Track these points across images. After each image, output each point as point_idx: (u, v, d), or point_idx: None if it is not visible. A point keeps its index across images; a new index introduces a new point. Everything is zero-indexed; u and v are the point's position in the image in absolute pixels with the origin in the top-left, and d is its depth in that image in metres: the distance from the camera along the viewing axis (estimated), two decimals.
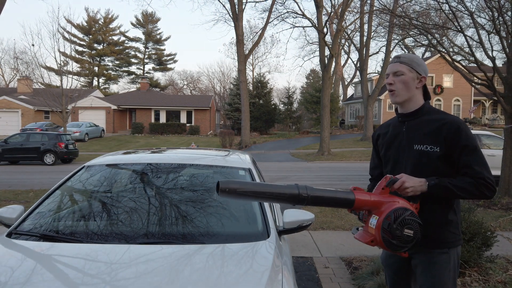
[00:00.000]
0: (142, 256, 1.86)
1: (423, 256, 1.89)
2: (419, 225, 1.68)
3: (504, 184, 7.81)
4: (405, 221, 1.66)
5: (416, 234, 1.67)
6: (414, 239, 1.67)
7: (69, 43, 40.03)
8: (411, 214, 1.68)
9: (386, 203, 1.72)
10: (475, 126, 32.16)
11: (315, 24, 22.01)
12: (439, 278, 1.85)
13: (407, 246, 1.68)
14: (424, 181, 1.76)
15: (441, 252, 1.85)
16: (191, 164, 2.88)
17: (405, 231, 1.65)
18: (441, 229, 1.86)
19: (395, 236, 1.66)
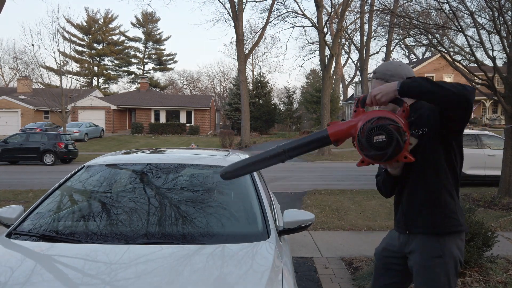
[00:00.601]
0: (142, 256, 1.86)
1: (416, 257, 1.86)
2: (394, 126, 1.61)
3: (504, 184, 7.80)
4: (373, 128, 1.63)
5: (390, 136, 1.60)
6: (391, 142, 1.61)
7: (68, 43, 40.05)
8: (379, 120, 1.64)
9: (360, 120, 1.71)
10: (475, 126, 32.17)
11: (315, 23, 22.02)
12: (432, 283, 1.81)
13: (385, 151, 1.62)
14: (396, 82, 1.69)
15: (434, 256, 1.81)
16: (191, 164, 2.87)
17: (375, 138, 1.62)
18: (431, 212, 1.82)
19: (371, 146, 1.63)
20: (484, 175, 9.94)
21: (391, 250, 2.03)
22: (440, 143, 1.81)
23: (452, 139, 1.82)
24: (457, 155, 1.86)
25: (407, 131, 1.66)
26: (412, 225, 1.89)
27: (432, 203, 1.83)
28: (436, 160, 1.82)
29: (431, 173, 1.83)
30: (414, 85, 1.63)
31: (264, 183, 3.25)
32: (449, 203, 1.83)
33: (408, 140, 1.66)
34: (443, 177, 1.83)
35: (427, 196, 1.84)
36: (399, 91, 1.66)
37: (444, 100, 1.60)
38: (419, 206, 1.85)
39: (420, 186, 1.85)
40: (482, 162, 9.93)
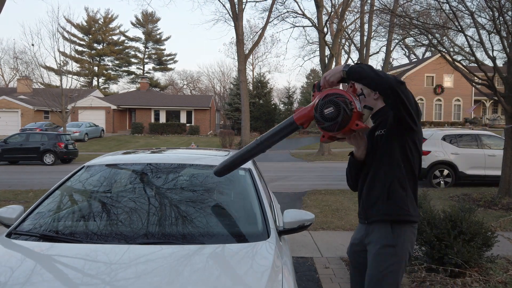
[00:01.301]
0: (142, 256, 1.86)
1: (371, 247, 2.03)
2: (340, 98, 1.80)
3: (504, 184, 7.80)
4: (323, 103, 1.83)
5: (337, 107, 1.80)
6: (339, 112, 1.79)
7: (68, 43, 39.99)
8: (327, 96, 1.84)
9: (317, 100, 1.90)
10: (475, 126, 32.16)
11: (315, 23, 22.01)
12: (381, 271, 1.95)
13: (336, 120, 1.81)
14: (344, 65, 1.91)
15: (387, 245, 1.96)
16: (191, 164, 2.87)
17: (325, 110, 1.82)
18: (385, 202, 1.99)
19: (323, 119, 1.83)
20: (484, 175, 9.94)
21: (355, 244, 2.21)
22: (396, 140, 1.98)
23: (407, 136, 1.98)
24: (412, 150, 2.01)
25: (353, 102, 1.82)
26: (369, 214, 2.07)
27: (386, 195, 2.00)
28: (391, 155, 2.00)
29: (386, 168, 2.01)
30: (358, 70, 1.82)
31: (264, 183, 3.25)
32: (401, 195, 1.99)
33: (356, 109, 1.82)
34: (397, 171, 2.00)
35: (382, 188, 2.01)
36: (346, 72, 1.84)
37: (377, 86, 1.81)
38: (376, 198, 2.04)
39: (377, 179, 2.03)
40: (482, 162, 9.93)
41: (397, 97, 1.78)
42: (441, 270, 3.46)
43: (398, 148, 1.99)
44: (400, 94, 1.77)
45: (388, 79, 1.76)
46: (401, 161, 1.99)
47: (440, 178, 9.99)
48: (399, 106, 1.82)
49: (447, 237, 3.46)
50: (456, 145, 10.11)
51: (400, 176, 1.99)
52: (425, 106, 35.85)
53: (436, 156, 9.97)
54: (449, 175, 9.96)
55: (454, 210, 3.67)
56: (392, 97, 1.79)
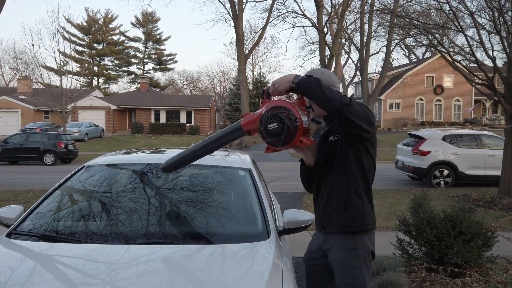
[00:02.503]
0: (142, 257, 1.86)
1: (333, 253, 2.01)
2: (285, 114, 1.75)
3: (504, 184, 7.80)
4: (268, 117, 1.78)
5: (281, 124, 1.75)
6: (283, 129, 1.75)
7: (69, 43, 40.02)
8: (273, 109, 1.78)
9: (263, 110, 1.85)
10: (475, 126, 32.17)
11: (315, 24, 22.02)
12: (349, 278, 1.95)
13: (279, 137, 1.77)
14: (294, 75, 1.82)
15: (350, 249, 1.95)
16: (191, 164, 2.87)
17: (269, 126, 1.77)
18: (342, 213, 1.97)
19: (267, 134, 1.78)
20: (484, 175, 9.94)
21: (313, 251, 2.17)
22: (349, 148, 1.94)
23: (360, 144, 1.94)
24: (365, 157, 1.98)
25: (299, 118, 1.77)
26: (327, 225, 2.05)
27: (342, 205, 1.97)
28: (346, 164, 1.96)
29: (342, 177, 1.97)
30: (306, 85, 1.75)
31: (264, 183, 3.25)
32: (357, 204, 1.97)
33: (302, 125, 1.77)
34: (352, 181, 1.96)
35: (339, 198, 1.98)
36: (295, 84, 1.77)
37: (323, 106, 1.74)
38: (332, 207, 2.00)
39: (333, 189, 2.00)
40: (482, 162, 9.93)
41: (343, 118, 1.73)
42: (441, 270, 3.45)
43: (352, 155, 1.95)
44: (347, 115, 1.72)
45: (333, 101, 1.69)
46: (355, 169, 1.96)
47: (440, 178, 9.98)
48: (346, 125, 1.78)
49: (447, 237, 3.46)
50: (456, 145, 10.11)
51: (355, 185, 1.96)
52: (425, 106, 35.86)
53: (436, 156, 9.97)
54: (449, 175, 9.96)
55: (454, 210, 3.67)
56: (337, 118, 1.75)
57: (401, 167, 10.83)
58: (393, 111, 35.60)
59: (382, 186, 10.45)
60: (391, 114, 35.54)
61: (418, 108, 36.03)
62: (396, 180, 11.69)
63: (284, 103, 1.80)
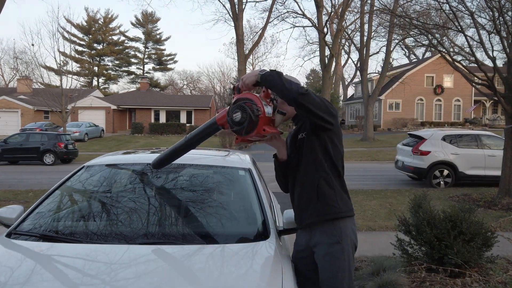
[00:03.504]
0: (141, 257, 1.86)
1: (319, 249, 2.04)
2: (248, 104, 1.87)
3: (504, 184, 7.80)
4: (233, 108, 1.91)
5: (244, 112, 1.87)
6: (245, 118, 1.86)
7: (68, 43, 40.00)
8: (237, 100, 1.91)
9: None
10: (475, 126, 32.17)
11: (315, 24, 22.02)
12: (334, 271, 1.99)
13: (242, 126, 1.88)
14: (259, 69, 1.96)
15: (333, 242, 2.00)
16: (191, 164, 2.87)
17: (234, 115, 1.89)
18: (316, 203, 2.03)
19: (232, 123, 1.91)
20: (484, 175, 9.94)
21: (299, 250, 2.18)
22: (316, 141, 2.04)
23: (325, 135, 2.03)
24: (332, 148, 2.06)
25: (261, 107, 1.87)
26: (304, 217, 2.10)
27: (315, 196, 2.04)
28: (314, 157, 2.05)
29: (312, 170, 2.05)
30: (268, 78, 1.88)
31: (264, 183, 3.25)
32: (329, 193, 2.04)
33: (264, 115, 1.87)
34: (322, 171, 2.05)
35: (311, 190, 2.05)
36: (260, 77, 1.90)
37: (283, 97, 1.86)
38: (307, 200, 2.07)
39: (305, 182, 2.08)
40: (482, 162, 9.93)
41: (302, 107, 1.83)
42: (441, 270, 3.45)
43: (319, 148, 2.04)
44: (305, 104, 1.82)
45: (291, 91, 1.81)
46: (323, 160, 2.04)
47: (440, 178, 9.98)
48: (307, 114, 1.87)
49: (447, 237, 3.46)
50: (456, 145, 10.11)
51: (325, 175, 2.04)
52: (425, 106, 35.86)
53: (436, 156, 9.98)
54: (449, 175, 9.96)
55: (454, 210, 3.67)
56: (297, 107, 1.85)
57: (401, 167, 10.84)
58: (393, 111, 35.60)
59: (382, 186, 10.45)
60: (391, 114, 35.55)
61: (418, 108, 36.03)
62: (396, 180, 11.69)
63: (248, 95, 1.92)
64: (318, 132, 2.01)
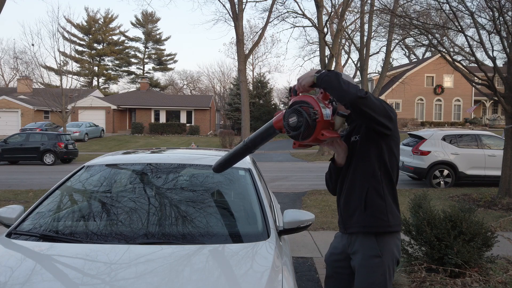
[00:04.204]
0: (141, 256, 1.86)
1: (357, 257, 1.96)
2: (304, 107, 1.78)
3: (504, 184, 7.80)
4: (289, 112, 1.83)
5: (300, 117, 1.78)
6: (301, 122, 1.77)
7: (69, 42, 40.01)
8: (294, 103, 1.83)
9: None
10: (475, 126, 32.16)
11: (315, 24, 22.02)
12: (369, 283, 1.90)
13: (299, 131, 1.79)
14: (315, 70, 1.86)
15: (373, 255, 1.90)
16: (191, 164, 2.87)
17: (290, 120, 1.81)
18: (362, 213, 1.92)
19: (289, 128, 1.83)
20: (484, 175, 9.94)
21: (336, 253, 2.12)
22: (371, 146, 1.92)
23: (382, 141, 1.90)
24: (388, 155, 1.93)
25: (319, 111, 1.77)
26: (349, 225, 2.01)
27: (362, 205, 1.93)
28: (366, 162, 1.93)
29: (361, 176, 1.94)
30: (325, 79, 1.77)
31: (264, 183, 3.25)
32: (378, 204, 1.91)
33: (322, 118, 1.77)
34: (372, 180, 1.92)
35: (359, 198, 1.94)
36: (317, 78, 1.80)
37: (340, 99, 1.73)
38: (353, 207, 1.97)
39: (354, 189, 1.97)
40: (482, 162, 9.93)
41: (360, 111, 1.70)
42: (441, 270, 3.46)
43: (374, 154, 1.91)
44: (363, 109, 1.69)
45: (349, 94, 1.67)
46: (377, 168, 1.91)
47: (440, 178, 9.99)
48: (364, 119, 1.76)
49: (447, 237, 3.46)
50: (456, 145, 10.11)
51: (377, 185, 1.91)
52: (425, 106, 35.86)
53: (436, 156, 9.98)
54: (449, 175, 9.96)
55: (454, 210, 3.67)
56: (354, 111, 1.72)
57: (401, 167, 10.83)
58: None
59: None
60: None
61: (418, 108, 36.03)
62: None
63: (305, 98, 1.82)
64: (375, 138, 1.89)
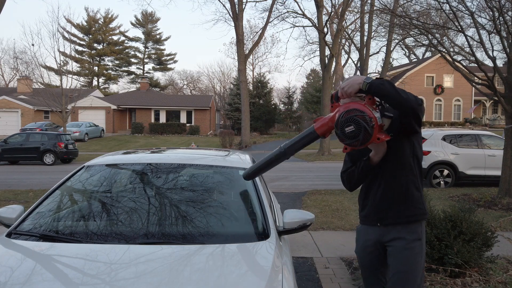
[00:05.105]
0: (142, 256, 1.86)
1: (398, 243, 2.07)
2: (360, 116, 1.81)
3: (504, 184, 7.80)
4: (344, 121, 1.84)
5: (358, 126, 1.81)
6: (360, 131, 1.81)
7: (69, 42, 40.02)
8: (347, 112, 1.84)
9: (336, 113, 1.92)
10: (475, 126, 32.16)
11: (315, 23, 22.01)
12: (411, 264, 2.03)
13: (357, 139, 1.83)
14: (363, 77, 1.91)
15: (415, 239, 2.05)
16: (191, 164, 2.87)
17: (346, 129, 1.84)
18: (402, 205, 2.07)
19: (344, 136, 1.85)
20: (484, 175, 9.94)
21: (369, 245, 2.21)
22: (406, 144, 2.06)
23: (413, 138, 2.06)
24: (419, 152, 2.10)
25: (373, 117, 1.84)
26: (384, 217, 2.12)
27: (402, 198, 2.07)
28: (404, 160, 2.06)
29: (400, 172, 2.07)
30: (380, 87, 1.84)
31: (264, 183, 3.25)
32: (416, 195, 2.09)
33: (377, 124, 1.85)
34: (410, 173, 2.07)
35: (398, 192, 2.07)
36: (367, 86, 1.85)
37: (396, 106, 1.86)
38: (390, 200, 2.09)
39: (390, 183, 2.08)
40: (482, 162, 9.93)
41: (415, 116, 1.89)
42: (441, 270, 3.46)
43: (408, 150, 2.06)
44: (419, 114, 1.88)
45: (410, 101, 1.83)
46: (412, 162, 2.07)
47: (440, 178, 9.99)
48: (412, 122, 1.93)
49: (447, 237, 3.46)
50: (456, 145, 10.11)
51: (413, 178, 2.07)
52: (425, 106, 35.87)
53: (436, 156, 9.98)
54: (449, 175, 9.96)
55: (454, 210, 3.67)
56: (410, 116, 1.89)
57: None
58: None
59: None
60: None
61: None
62: None
63: (356, 105, 1.86)
64: (407, 135, 2.03)
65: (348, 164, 2.27)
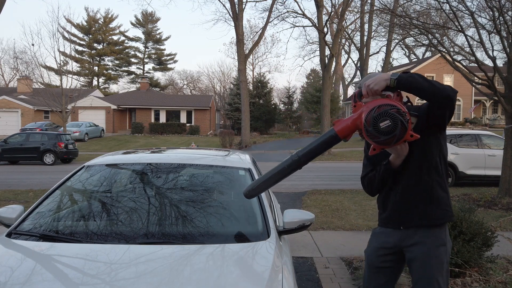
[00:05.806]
0: (142, 256, 1.86)
1: (420, 248, 1.96)
2: (395, 110, 1.72)
3: (504, 184, 7.80)
4: (377, 116, 1.73)
5: (394, 120, 1.71)
6: (396, 125, 1.71)
7: (69, 42, 40.04)
8: (380, 107, 1.74)
9: (362, 112, 1.80)
10: (475, 126, 32.15)
11: (315, 23, 22.01)
12: (437, 269, 1.93)
13: (394, 134, 1.73)
14: (389, 73, 1.83)
15: (440, 244, 1.95)
16: (191, 164, 2.87)
17: (381, 124, 1.73)
18: (428, 206, 1.96)
19: (379, 133, 1.74)
20: (484, 175, 9.94)
21: (386, 248, 2.09)
22: (432, 143, 1.94)
23: (439, 136, 1.96)
24: (445, 150, 2.00)
25: (407, 112, 1.75)
26: (407, 220, 2.00)
27: (427, 199, 1.96)
28: (429, 159, 1.95)
29: (424, 171, 1.95)
30: (409, 80, 1.76)
31: None
32: (443, 197, 1.98)
33: (410, 120, 1.76)
34: (435, 174, 1.96)
35: (422, 193, 1.96)
36: (396, 81, 1.77)
37: (431, 97, 1.76)
38: (414, 202, 1.97)
39: (415, 185, 1.97)
40: (482, 162, 9.93)
41: (450, 105, 1.77)
42: None
43: (435, 149, 1.95)
44: (454, 103, 1.77)
45: (445, 89, 1.73)
46: (438, 162, 1.96)
47: None
48: (447, 113, 1.80)
49: None
50: (456, 145, 10.11)
51: (439, 178, 1.96)
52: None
53: None
54: (449, 175, 9.96)
55: (454, 210, 3.67)
56: (445, 106, 1.77)
57: None
58: None
59: None
60: None
61: None
62: None
63: (388, 101, 1.78)
64: (433, 133, 1.92)
65: (368, 168, 2.16)
